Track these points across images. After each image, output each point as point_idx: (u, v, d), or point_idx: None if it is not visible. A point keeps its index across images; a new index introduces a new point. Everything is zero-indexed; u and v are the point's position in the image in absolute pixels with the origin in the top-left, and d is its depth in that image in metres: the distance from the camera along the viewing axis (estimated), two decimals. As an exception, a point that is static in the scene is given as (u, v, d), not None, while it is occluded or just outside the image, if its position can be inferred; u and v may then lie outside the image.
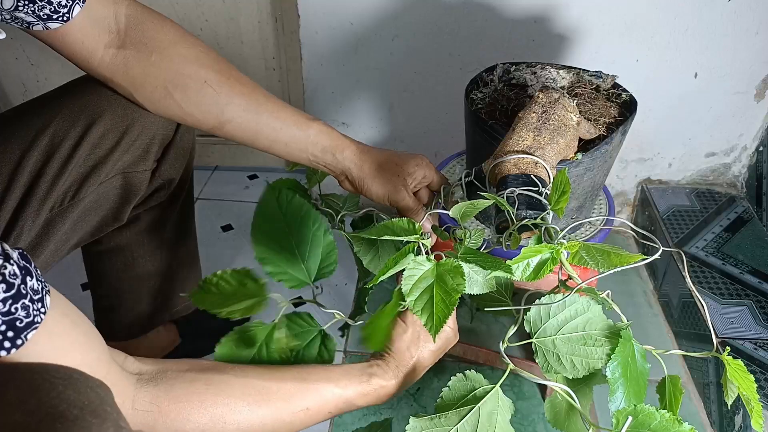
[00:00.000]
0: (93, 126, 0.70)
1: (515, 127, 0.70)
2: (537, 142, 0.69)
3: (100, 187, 0.74)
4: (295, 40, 1.30)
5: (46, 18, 0.61)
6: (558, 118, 0.71)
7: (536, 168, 0.67)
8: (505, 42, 1.19)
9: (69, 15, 0.62)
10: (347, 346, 1.15)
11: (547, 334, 0.54)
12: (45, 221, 0.70)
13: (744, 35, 1.17)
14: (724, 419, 0.98)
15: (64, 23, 0.63)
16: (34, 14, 0.60)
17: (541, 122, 0.70)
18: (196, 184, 1.56)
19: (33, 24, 0.61)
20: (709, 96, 1.25)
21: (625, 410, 0.49)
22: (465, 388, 0.52)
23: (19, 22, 0.61)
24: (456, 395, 0.52)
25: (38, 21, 0.61)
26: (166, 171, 0.82)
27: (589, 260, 0.54)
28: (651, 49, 1.19)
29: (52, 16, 0.61)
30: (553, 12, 1.16)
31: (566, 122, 0.71)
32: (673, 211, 1.31)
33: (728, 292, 1.11)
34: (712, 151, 1.34)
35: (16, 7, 0.59)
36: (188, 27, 1.38)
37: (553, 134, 0.70)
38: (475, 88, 0.89)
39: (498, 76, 0.89)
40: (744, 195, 1.35)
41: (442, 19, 1.18)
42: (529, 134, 0.69)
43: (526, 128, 0.70)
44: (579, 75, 0.89)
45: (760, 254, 1.19)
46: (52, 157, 0.69)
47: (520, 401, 1.05)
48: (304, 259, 0.65)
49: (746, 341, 1.02)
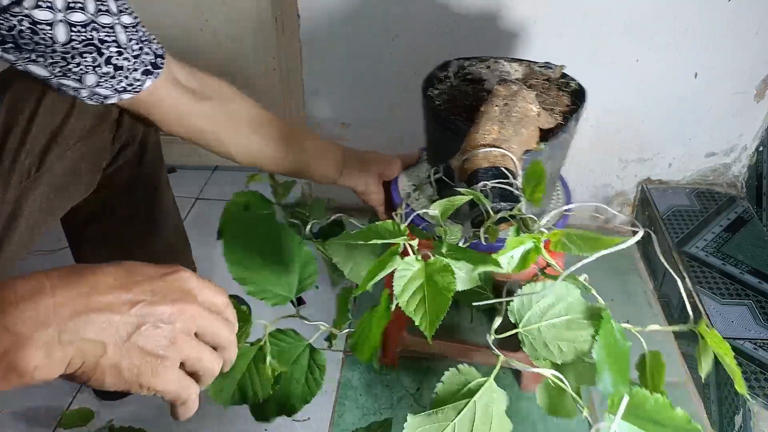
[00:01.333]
0: (44, 97, 0.72)
1: (479, 122, 0.71)
2: (502, 134, 0.70)
3: (65, 156, 0.75)
4: (295, 40, 1.30)
5: (122, 90, 0.66)
6: (519, 110, 0.72)
7: (504, 160, 0.67)
8: (506, 41, 1.19)
9: (141, 87, 0.67)
10: (347, 346, 1.15)
11: (532, 323, 0.55)
12: (14, 199, 0.72)
13: (744, 35, 1.17)
14: (724, 419, 0.98)
15: (137, 94, 0.67)
16: (112, 88, 0.65)
17: (503, 115, 0.71)
18: (196, 184, 1.56)
19: (109, 98, 0.66)
20: (709, 96, 1.25)
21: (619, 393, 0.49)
22: (459, 382, 0.52)
23: (97, 97, 0.66)
24: (450, 390, 0.52)
25: (114, 94, 0.66)
26: (126, 129, 0.83)
27: (572, 246, 0.54)
28: (651, 49, 1.19)
29: (127, 89, 0.66)
30: (552, 12, 1.16)
31: (527, 113, 0.72)
32: (673, 211, 1.31)
33: (728, 292, 1.11)
34: (712, 151, 1.34)
35: (98, 83, 0.63)
36: (188, 27, 1.38)
37: (517, 126, 0.71)
38: (431, 85, 0.89)
39: (453, 72, 0.90)
40: (744, 195, 1.35)
41: (441, 19, 1.18)
42: (494, 127, 0.70)
43: (491, 122, 0.70)
44: (530, 67, 0.91)
45: (760, 254, 1.19)
46: (11, 132, 0.70)
47: (520, 401, 1.05)
48: (283, 274, 0.62)
49: (746, 341, 1.02)
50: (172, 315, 0.42)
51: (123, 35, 0.62)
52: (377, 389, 1.07)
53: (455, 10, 1.17)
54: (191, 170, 1.61)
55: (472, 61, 0.92)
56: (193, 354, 0.43)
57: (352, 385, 1.08)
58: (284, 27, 1.34)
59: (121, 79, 0.65)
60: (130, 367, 0.40)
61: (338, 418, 1.02)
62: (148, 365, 0.40)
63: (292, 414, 0.61)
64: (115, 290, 0.41)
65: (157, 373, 0.41)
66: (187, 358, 0.43)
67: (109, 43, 0.61)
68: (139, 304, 0.41)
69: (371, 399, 1.05)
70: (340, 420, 1.02)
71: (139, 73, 0.66)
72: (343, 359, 1.13)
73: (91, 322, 0.39)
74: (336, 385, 1.08)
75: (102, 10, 0.60)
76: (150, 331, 0.41)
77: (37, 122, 0.72)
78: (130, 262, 0.44)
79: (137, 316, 0.40)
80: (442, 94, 0.87)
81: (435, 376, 1.09)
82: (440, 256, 0.53)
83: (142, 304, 0.41)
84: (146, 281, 0.42)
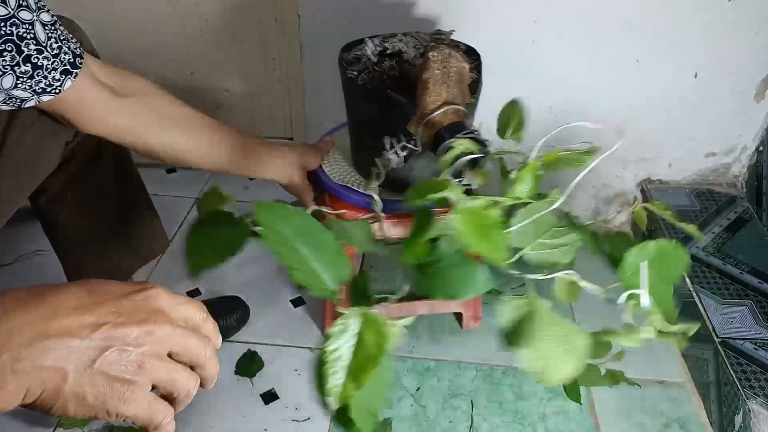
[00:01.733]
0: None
1: (427, 87, 0.76)
2: (450, 94, 0.76)
3: (25, 136, 0.75)
4: (295, 40, 1.30)
5: (41, 92, 0.64)
6: (456, 70, 0.79)
7: (460, 115, 0.74)
8: (506, 41, 1.19)
9: (61, 88, 0.66)
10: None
11: (532, 242, 0.61)
12: None
13: (744, 35, 1.17)
14: (724, 419, 0.98)
15: (55, 95, 0.66)
16: (30, 89, 0.63)
17: (445, 76, 0.77)
18: (196, 185, 1.56)
19: (26, 101, 0.64)
20: (709, 96, 1.25)
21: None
22: (515, 309, 0.55)
23: (13, 101, 0.64)
24: (514, 319, 0.55)
25: (33, 95, 0.64)
26: None
27: (561, 165, 0.62)
28: (651, 49, 1.19)
29: (47, 89, 0.64)
30: (552, 12, 1.16)
31: (462, 71, 0.80)
32: (673, 211, 1.31)
33: (728, 292, 1.11)
34: (712, 151, 1.34)
35: (16, 85, 0.61)
36: (188, 28, 1.38)
37: (458, 84, 0.78)
38: (348, 66, 0.91)
39: (372, 51, 0.92)
40: (744, 195, 1.35)
41: (441, 18, 1.18)
42: (442, 89, 0.76)
43: (437, 84, 0.76)
44: (428, 35, 0.95)
45: (760, 254, 1.19)
46: None
47: (520, 401, 1.05)
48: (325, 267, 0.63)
49: (746, 341, 1.02)
50: (139, 337, 0.39)
51: (42, 33, 0.61)
52: (377, 389, 1.07)
53: (454, 10, 1.17)
54: (191, 170, 1.61)
55: (373, 39, 0.95)
56: (164, 376, 0.40)
57: (352, 385, 1.08)
58: (284, 27, 1.34)
59: (40, 80, 0.63)
60: (96, 394, 0.37)
61: (338, 418, 1.02)
62: (115, 391, 0.38)
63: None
64: (77, 312, 0.38)
65: (125, 398, 0.38)
66: (158, 380, 0.40)
67: (29, 41, 0.60)
68: (103, 327, 0.38)
69: (371, 399, 1.05)
70: (340, 420, 1.02)
71: (58, 72, 0.64)
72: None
73: (49, 348, 0.36)
74: (336, 385, 1.08)
75: (22, 5, 0.58)
76: (115, 356, 0.38)
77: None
78: (94, 281, 0.41)
79: (101, 339, 0.38)
80: (362, 72, 0.90)
81: (435, 376, 1.09)
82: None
83: (106, 326, 0.38)
84: (111, 301, 0.39)
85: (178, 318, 0.42)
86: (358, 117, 0.94)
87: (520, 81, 1.23)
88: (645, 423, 1.03)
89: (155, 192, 1.18)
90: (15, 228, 1.36)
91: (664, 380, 1.10)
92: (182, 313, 0.43)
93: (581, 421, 1.02)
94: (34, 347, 0.36)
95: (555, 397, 1.06)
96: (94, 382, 0.37)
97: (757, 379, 0.96)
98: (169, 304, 0.42)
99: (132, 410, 0.39)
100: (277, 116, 1.49)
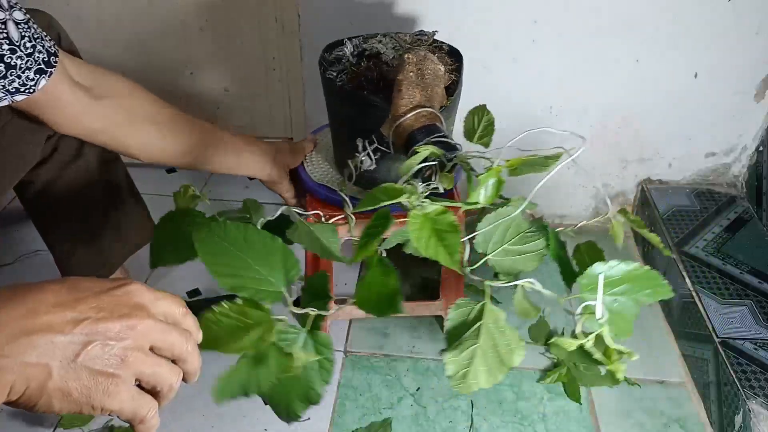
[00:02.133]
0: None
1: (401, 89, 0.77)
2: (424, 96, 0.77)
3: (6, 129, 0.75)
4: (295, 40, 1.30)
5: (15, 91, 0.64)
6: (431, 72, 0.80)
7: (433, 118, 0.75)
8: (506, 41, 1.19)
9: (35, 87, 0.65)
10: (347, 346, 1.15)
11: (497, 248, 0.62)
12: None
13: (744, 35, 1.17)
14: (724, 419, 0.98)
15: (29, 95, 0.65)
16: (3, 89, 0.62)
17: (419, 78, 0.78)
18: (196, 185, 1.55)
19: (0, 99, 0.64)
20: (709, 96, 1.25)
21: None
22: (463, 313, 0.56)
23: None
24: (460, 321, 0.56)
25: (6, 96, 0.64)
26: None
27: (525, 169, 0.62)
28: (651, 49, 1.19)
29: (20, 89, 0.64)
30: (552, 12, 1.16)
31: (437, 73, 0.81)
32: (673, 211, 1.31)
33: (728, 292, 1.11)
34: (712, 151, 1.34)
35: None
36: (188, 28, 1.38)
37: (433, 86, 0.79)
38: (329, 67, 0.92)
39: (350, 52, 0.93)
40: (744, 195, 1.35)
41: (442, 18, 1.18)
42: (416, 91, 0.77)
43: (411, 87, 0.77)
44: (410, 36, 0.95)
45: (760, 254, 1.19)
46: None
47: (520, 401, 1.05)
48: (269, 272, 0.62)
49: (746, 341, 1.02)
50: (120, 331, 0.40)
51: (15, 32, 0.60)
52: (377, 389, 1.07)
53: (453, 9, 1.17)
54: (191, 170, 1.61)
55: (352, 40, 0.95)
56: (147, 370, 0.41)
57: (352, 385, 1.08)
58: (284, 27, 1.34)
59: (14, 79, 0.62)
60: (80, 389, 0.38)
61: (338, 418, 1.02)
62: (99, 385, 0.38)
63: (316, 402, 0.61)
64: (58, 309, 0.38)
65: (109, 392, 0.39)
66: (141, 374, 0.41)
67: (1, 40, 0.59)
68: (84, 322, 0.38)
69: (371, 399, 1.05)
70: (340, 420, 1.02)
71: (32, 72, 0.63)
72: (343, 359, 1.13)
73: (32, 344, 0.37)
74: (336, 385, 1.08)
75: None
76: (98, 350, 0.38)
77: None
78: (73, 278, 0.41)
79: (83, 334, 0.38)
80: (341, 73, 0.90)
81: (435, 376, 1.09)
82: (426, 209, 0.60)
83: (87, 321, 0.39)
84: (91, 297, 0.40)
85: (158, 313, 0.43)
86: (337, 117, 0.94)
87: (520, 81, 1.23)
88: (645, 423, 1.03)
89: (155, 192, 1.19)
90: (15, 228, 1.37)
91: (664, 380, 1.10)
92: (162, 308, 0.43)
93: (581, 421, 1.02)
94: (17, 344, 0.36)
95: (555, 397, 1.06)
96: (78, 377, 0.38)
97: (757, 379, 0.96)
98: (149, 299, 0.43)
99: (116, 404, 0.39)
100: (277, 116, 1.49)
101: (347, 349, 1.15)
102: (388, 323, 1.19)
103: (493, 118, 0.75)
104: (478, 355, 0.53)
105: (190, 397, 1.02)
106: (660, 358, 1.14)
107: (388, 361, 1.12)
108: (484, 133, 0.73)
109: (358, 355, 1.13)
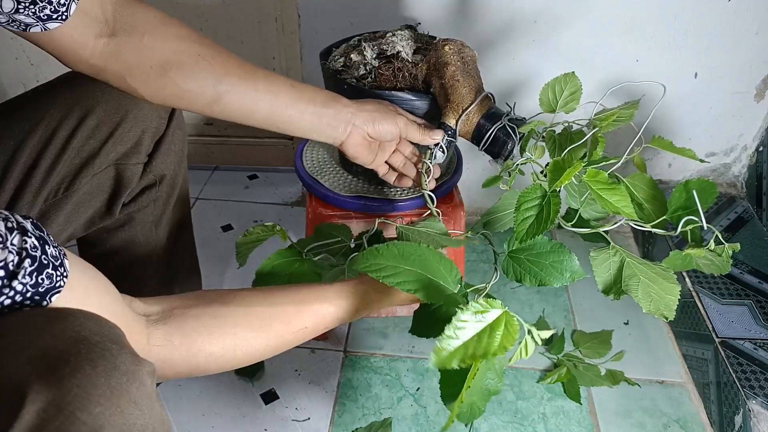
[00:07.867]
0: (87, 117, 0.71)
1: (458, 79, 0.80)
2: (475, 81, 0.81)
3: (94, 179, 0.75)
4: (295, 40, 1.30)
5: (47, 18, 0.61)
6: (470, 58, 0.83)
7: (490, 101, 0.80)
8: (507, 40, 1.19)
9: (67, 13, 0.62)
10: (347, 346, 1.15)
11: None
12: (39, 212, 0.71)
13: (744, 35, 1.17)
14: (724, 419, 0.98)
15: (62, 22, 0.62)
16: (34, 15, 0.60)
17: (465, 66, 0.81)
18: (196, 184, 1.56)
19: (31, 26, 0.61)
20: (709, 96, 1.25)
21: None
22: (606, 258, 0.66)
23: (17, 24, 0.60)
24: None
25: (38, 22, 0.61)
26: (157, 166, 0.82)
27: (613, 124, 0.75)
28: (651, 49, 1.19)
29: (52, 16, 0.61)
30: (552, 11, 1.16)
31: (475, 60, 0.85)
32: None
33: (728, 292, 1.11)
34: (712, 151, 1.34)
35: (17, 9, 0.58)
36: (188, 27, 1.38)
37: (477, 71, 0.83)
38: (341, 73, 0.91)
39: (371, 57, 0.91)
40: (744, 195, 1.35)
41: (442, 19, 1.18)
42: (469, 80, 0.80)
43: (464, 77, 0.80)
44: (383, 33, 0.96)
45: (760, 254, 1.19)
46: (46, 149, 0.69)
47: (520, 401, 1.05)
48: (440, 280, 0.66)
49: (746, 341, 1.02)
50: None
51: None
52: (377, 389, 1.07)
53: (453, 9, 1.17)
54: (191, 170, 1.61)
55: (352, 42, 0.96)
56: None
57: (352, 385, 1.08)
58: (284, 27, 1.34)
59: (45, 5, 0.59)
60: None
61: (338, 418, 1.02)
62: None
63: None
64: None
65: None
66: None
67: None
68: None
69: (371, 399, 1.05)
70: (340, 420, 1.02)
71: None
72: (343, 359, 1.13)
73: None
74: (336, 385, 1.08)
75: None
76: None
77: (74, 146, 0.71)
78: None
79: None
80: (366, 75, 0.89)
81: (435, 376, 1.09)
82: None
83: None
84: None
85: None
86: None
87: (520, 81, 1.23)
88: (645, 423, 1.03)
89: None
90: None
91: (664, 380, 1.10)
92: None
93: (581, 421, 1.02)
94: None
95: (555, 397, 1.06)
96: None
97: (757, 379, 0.96)
98: None
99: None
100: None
101: (347, 349, 1.15)
102: (388, 323, 1.19)
103: (580, 83, 0.78)
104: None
105: (191, 397, 1.02)
106: (660, 358, 1.14)
107: (388, 361, 1.12)
108: (570, 99, 0.77)
109: (358, 355, 1.13)
